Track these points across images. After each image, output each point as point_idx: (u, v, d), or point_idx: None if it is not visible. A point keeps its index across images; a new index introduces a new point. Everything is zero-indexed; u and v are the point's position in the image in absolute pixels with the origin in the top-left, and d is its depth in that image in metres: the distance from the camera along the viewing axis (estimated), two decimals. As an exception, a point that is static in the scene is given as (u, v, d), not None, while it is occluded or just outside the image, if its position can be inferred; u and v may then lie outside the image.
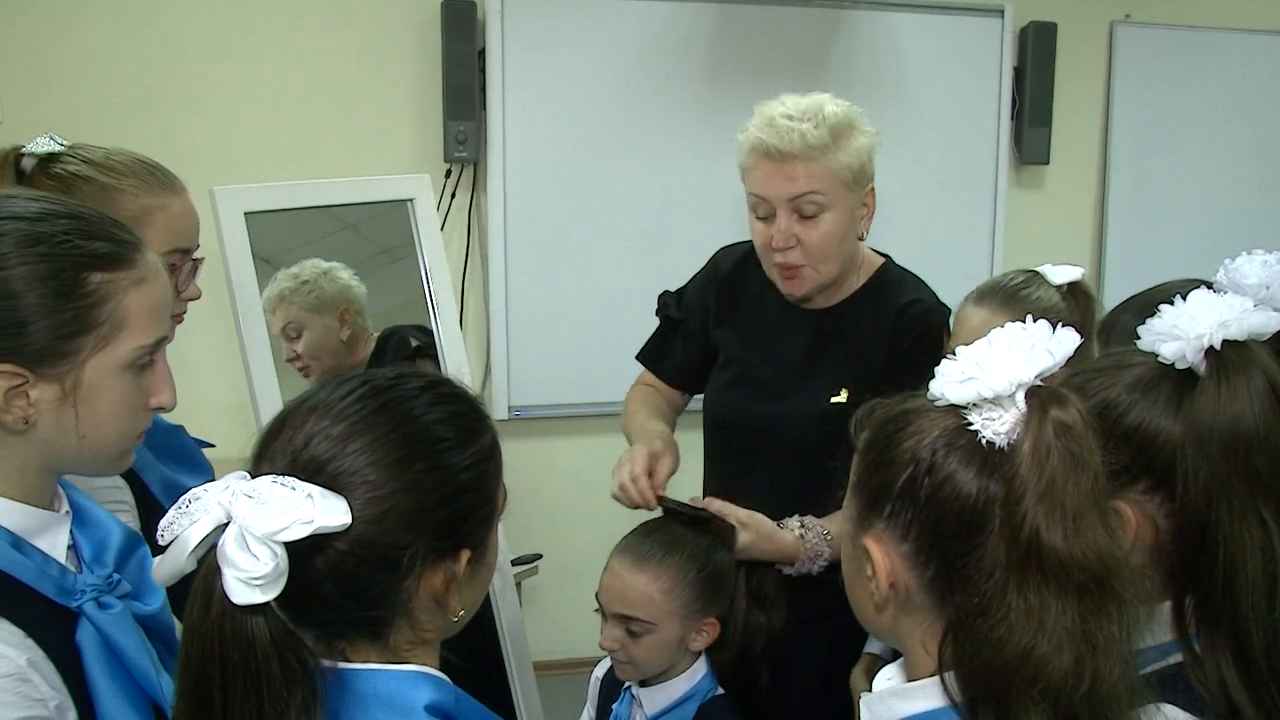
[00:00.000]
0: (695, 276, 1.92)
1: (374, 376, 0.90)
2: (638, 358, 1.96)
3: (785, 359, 1.75)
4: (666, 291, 1.94)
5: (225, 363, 2.19)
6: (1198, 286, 1.21)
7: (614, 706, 1.59)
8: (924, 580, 0.86)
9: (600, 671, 1.67)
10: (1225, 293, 1.05)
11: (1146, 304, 1.23)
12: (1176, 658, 0.95)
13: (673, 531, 1.53)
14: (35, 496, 0.97)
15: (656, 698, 1.53)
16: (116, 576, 0.99)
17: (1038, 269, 1.66)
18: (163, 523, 0.80)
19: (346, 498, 0.81)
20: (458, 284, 2.99)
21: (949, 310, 1.75)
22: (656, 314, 1.95)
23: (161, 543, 0.80)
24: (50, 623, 0.92)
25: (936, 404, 0.87)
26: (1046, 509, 0.79)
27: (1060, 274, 1.62)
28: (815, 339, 1.74)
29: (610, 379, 2.86)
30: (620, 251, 3.09)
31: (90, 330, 0.94)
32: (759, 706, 1.58)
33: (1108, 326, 1.34)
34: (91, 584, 0.96)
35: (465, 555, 0.88)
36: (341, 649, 0.86)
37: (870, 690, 0.94)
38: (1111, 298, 1.42)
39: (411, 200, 2.33)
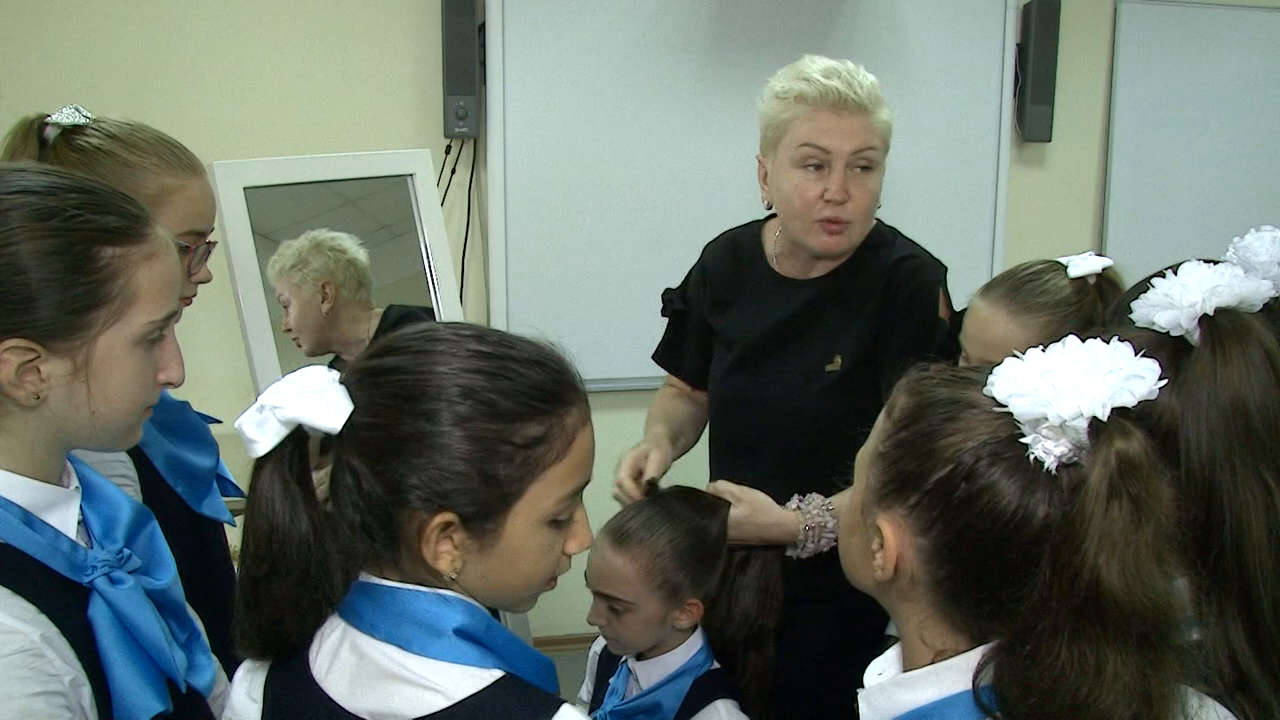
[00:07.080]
0: (689, 274, 1.90)
1: (478, 336, 0.93)
2: (655, 359, 1.95)
3: (780, 332, 1.74)
4: (669, 289, 1.93)
5: (225, 338, 2.18)
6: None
7: (611, 680, 1.61)
8: (934, 578, 0.84)
9: (598, 646, 1.68)
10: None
11: None
12: (1193, 636, 0.95)
13: (658, 510, 1.53)
14: (45, 472, 0.97)
15: (652, 671, 1.54)
16: (127, 552, 0.99)
17: (1061, 260, 1.52)
18: None
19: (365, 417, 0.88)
20: (458, 259, 2.98)
21: (945, 268, 1.71)
22: (663, 313, 1.93)
23: None
24: (63, 599, 0.93)
25: (989, 398, 0.81)
26: (1108, 554, 0.74)
27: (1082, 265, 1.49)
28: (809, 308, 1.72)
29: (611, 354, 2.88)
30: (620, 227, 3.08)
31: (102, 305, 0.94)
32: (757, 683, 1.60)
33: (1116, 313, 1.32)
34: (103, 559, 0.96)
35: (444, 518, 0.86)
36: (378, 569, 0.91)
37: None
38: (1113, 276, 1.41)
39: (412, 175, 2.33)
